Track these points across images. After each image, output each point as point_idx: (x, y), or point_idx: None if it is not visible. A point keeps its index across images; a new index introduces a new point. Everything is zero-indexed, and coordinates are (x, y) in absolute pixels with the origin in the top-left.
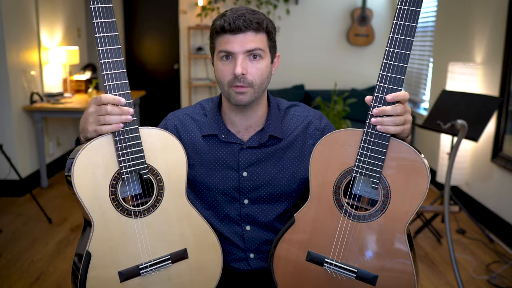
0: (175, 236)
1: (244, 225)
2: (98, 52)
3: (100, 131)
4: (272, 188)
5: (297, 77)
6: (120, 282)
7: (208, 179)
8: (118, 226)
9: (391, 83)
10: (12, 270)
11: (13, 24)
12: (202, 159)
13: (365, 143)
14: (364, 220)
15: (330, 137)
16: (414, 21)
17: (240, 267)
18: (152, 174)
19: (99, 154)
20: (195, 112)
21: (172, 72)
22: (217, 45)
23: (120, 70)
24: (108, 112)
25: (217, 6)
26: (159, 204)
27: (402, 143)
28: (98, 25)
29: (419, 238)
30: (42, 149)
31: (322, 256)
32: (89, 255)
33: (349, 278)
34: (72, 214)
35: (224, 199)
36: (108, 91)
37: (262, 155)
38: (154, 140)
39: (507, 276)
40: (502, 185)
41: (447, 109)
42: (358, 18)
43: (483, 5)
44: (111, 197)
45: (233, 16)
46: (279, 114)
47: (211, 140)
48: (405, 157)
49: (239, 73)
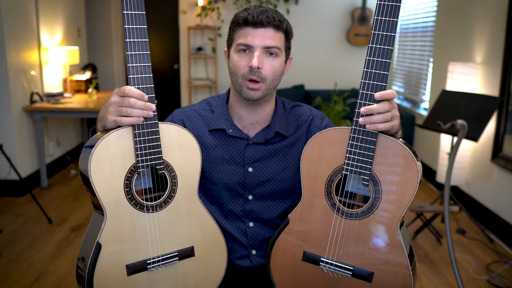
0: (184, 233)
1: (248, 221)
2: (125, 44)
3: (120, 122)
4: (277, 185)
5: (297, 77)
6: (127, 275)
7: (214, 174)
8: (130, 219)
9: (376, 79)
10: (12, 270)
11: (13, 24)
12: (208, 154)
13: (354, 141)
14: (357, 217)
15: (319, 136)
16: (395, 16)
17: (243, 264)
18: (167, 170)
19: (118, 146)
20: (202, 108)
21: (172, 72)
22: (236, 37)
23: (145, 64)
24: (131, 104)
25: (217, 6)
26: (171, 201)
27: (390, 138)
28: (127, 16)
29: (419, 238)
30: (42, 149)
31: (317, 256)
32: (99, 245)
33: (346, 276)
34: (72, 214)
35: (229, 195)
36: (132, 83)
37: (267, 152)
38: (172, 136)
39: (507, 276)
40: (502, 185)
41: (447, 109)
42: (358, 18)
43: (483, 5)
44: (126, 190)
45: (257, 11)
46: (285, 112)
47: (218, 135)
48: (394, 153)
49: (255, 65)
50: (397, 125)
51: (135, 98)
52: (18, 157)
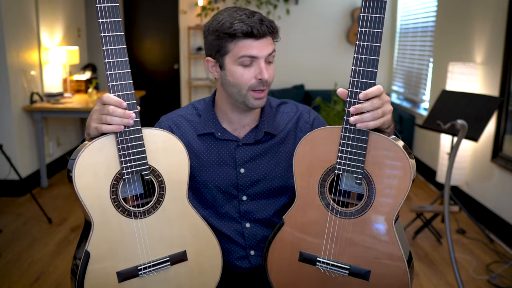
0: (175, 238)
1: (244, 222)
2: (103, 52)
3: (101, 130)
4: (269, 183)
5: (297, 77)
6: (119, 282)
7: (206, 178)
8: (118, 226)
9: (364, 77)
10: (12, 270)
11: (13, 24)
12: (198, 159)
13: (345, 140)
14: (351, 216)
15: (311, 136)
16: (381, 12)
17: (242, 265)
18: (154, 175)
19: (101, 154)
20: (188, 113)
21: (172, 72)
22: (235, 49)
23: (124, 70)
24: (110, 112)
25: (217, 6)
26: (160, 206)
27: (382, 136)
28: (103, 24)
29: (419, 238)
30: (42, 149)
31: (313, 256)
32: (88, 254)
33: (343, 275)
34: (72, 214)
35: (223, 197)
36: (112, 91)
37: (258, 151)
38: (157, 141)
39: (507, 276)
40: (502, 185)
41: (447, 109)
42: (358, 18)
43: (483, 5)
44: (112, 197)
45: (256, 21)
46: (271, 111)
47: (206, 138)
48: (385, 150)
49: (266, 78)
50: (389, 119)
51: (114, 105)
52: (18, 157)
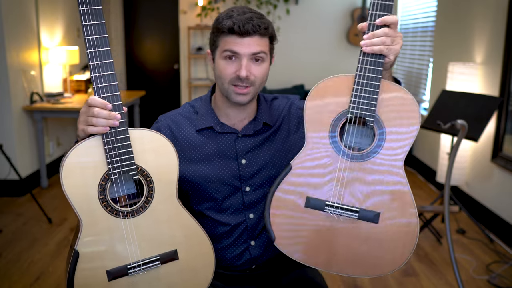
0: (165, 237)
1: (248, 213)
2: (87, 54)
3: (87, 131)
4: (270, 170)
5: (297, 77)
6: (108, 281)
7: (208, 172)
8: (107, 226)
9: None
10: (12, 270)
11: (13, 24)
12: (199, 154)
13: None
14: (362, 159)
15: (322, 84)
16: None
17: (242, 257)
18: (142, 175)
19: (88, 155)
20: (186, 111)
21: (172, 72)
22: (221, 44)
23: (108, 72)
24: (95, 114)
25: (217, 6)
26: (148, 205)
27: (391, 83)
28: (86, 27)
29: (419, 238)
30: (42, 149)
31: (322, 201)
32: (77, 253)
33: (351, 220)
34: (72, 214)
35: (226, 190)
36: (96, 93)
37: (257, 142)
38: (144, 141)
39: (507, 276)
40: (502, 185)
41: (447, 109)
42: (358, 18)
43: (483, 5)
44: (100, 198)
45: (242, 19)
46: (267, 104)
47: (206, 133)
48: (395, 95)
49: (244, 75)
50: (396, 50)
51: (99, 107)
52: (18, 157)
